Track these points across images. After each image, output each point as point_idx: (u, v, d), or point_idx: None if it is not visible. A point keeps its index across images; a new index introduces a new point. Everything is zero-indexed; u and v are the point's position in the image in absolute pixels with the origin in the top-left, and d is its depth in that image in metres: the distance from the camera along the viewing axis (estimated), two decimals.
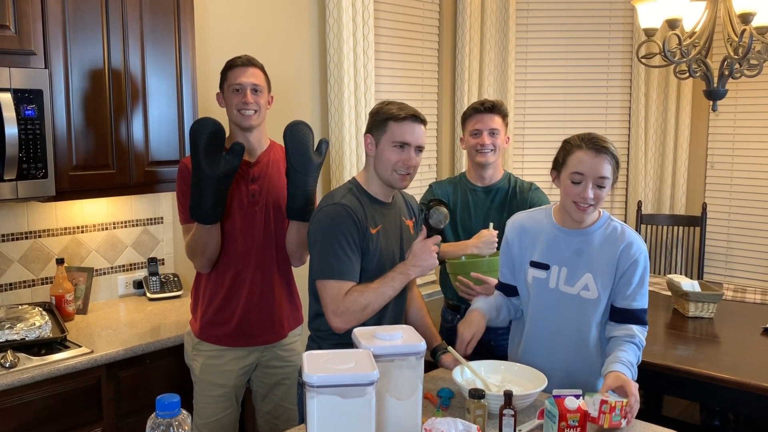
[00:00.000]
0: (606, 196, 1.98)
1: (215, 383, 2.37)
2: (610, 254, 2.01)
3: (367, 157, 2.11)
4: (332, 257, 1.97)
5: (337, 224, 1.98)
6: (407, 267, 2.02)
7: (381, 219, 2.08)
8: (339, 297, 1.96)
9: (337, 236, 1.97)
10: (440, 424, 1.55)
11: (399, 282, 2.01)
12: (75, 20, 2.44)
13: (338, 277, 1.97)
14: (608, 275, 2.01)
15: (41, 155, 2.34)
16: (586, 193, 1.94)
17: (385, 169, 2.05)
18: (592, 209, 1.98)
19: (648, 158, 4.76)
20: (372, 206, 2.07)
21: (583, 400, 1.68)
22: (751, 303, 3.34)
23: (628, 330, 2.00)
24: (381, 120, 2.04)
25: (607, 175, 1.94)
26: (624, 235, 2.02)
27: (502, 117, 2.63)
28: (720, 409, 3.25)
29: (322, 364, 1.49)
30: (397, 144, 2.03)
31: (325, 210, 2.02)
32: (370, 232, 2.03)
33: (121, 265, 3.02)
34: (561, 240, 2.07)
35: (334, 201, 2.02)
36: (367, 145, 2.08)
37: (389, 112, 2.04)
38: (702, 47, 2.90)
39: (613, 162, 1.95)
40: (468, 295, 2.48)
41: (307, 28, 3.55)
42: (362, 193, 2.08)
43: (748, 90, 4.50)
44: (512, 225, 2.20)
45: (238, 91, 2.30)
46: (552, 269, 2.07)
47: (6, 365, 2.15)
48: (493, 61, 4.48)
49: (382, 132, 2.04)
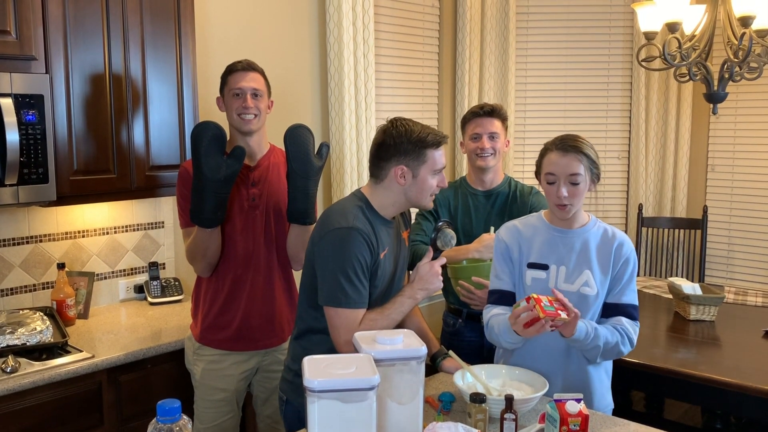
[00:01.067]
0: (584, 193, 2.01)
1: (216, 388, 2.37)
2: (606, 252, 2.05)
3: (387, 183, 1.99)
4: (347, 284, 1.90)
5: (352, 249, 1.90)
6: (414, 291, 2.00)
7: (386, 240, 2.03)
8: (353, 327, 1.90)
9: (352, 262, 1.90)
10: (441, 428, 1.55)
11: (407, 306, 2.00)
12: (76, 25, 2.45)
13: (352, 306, 1.91)
14: (605, 273, 2.05)
15: (42, 160, 2.35)
16: (560, 191, 1.99)
17: (425, 197, 2.00)
18: (572, 207, 2.01)
19: (649, 161, 4.77)
20: (380, 227, 2.00)
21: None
22: (752, 306, 3.33)
23: (617, 320, 2.03)
24: (419, 149, 1.93)
25: (578, 172, 1.98)
26: (615, 235, 2.08)
27: (502, 120, 2.63)
28: (721, 412, 3.25)
29: (322, 369, 1.49)
30: (437, 171, 1.98)
31: (339, 233, 1.92)
32: (380, 257, 1.98)
33: (122, 270, 3.02)
34: (558, 240, 2.09)
35: (348, 224, 1.92)
36: (399, 176, 1.95)
37: (425, 140, 1.94)
38: (702, 50, 2.90)
39: (585, 159, 1.99)
40: (469, 299, 2.48)
41: (308, 33, 3.55)
42: (372, 213, 2.00)
43: (749, 93, 4.50)
44: (507, 231, 2.17)
45: (238, 95, 2.30)
46: (551, 269, 2.09)
47: (7, 370, 2.15)
48: (494, 65, 4.49)
49: (421, 162, 1.94)
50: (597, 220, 2.13)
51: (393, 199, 2.01)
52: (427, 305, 4.05)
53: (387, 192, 2.00)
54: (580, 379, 2.06)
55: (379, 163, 1.99)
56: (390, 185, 1.99)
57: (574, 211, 2.04)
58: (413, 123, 1.98)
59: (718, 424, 3.32)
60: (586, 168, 2.00)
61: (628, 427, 1.83)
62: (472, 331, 2.69)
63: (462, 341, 2.69)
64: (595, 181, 2.05)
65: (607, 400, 2.13)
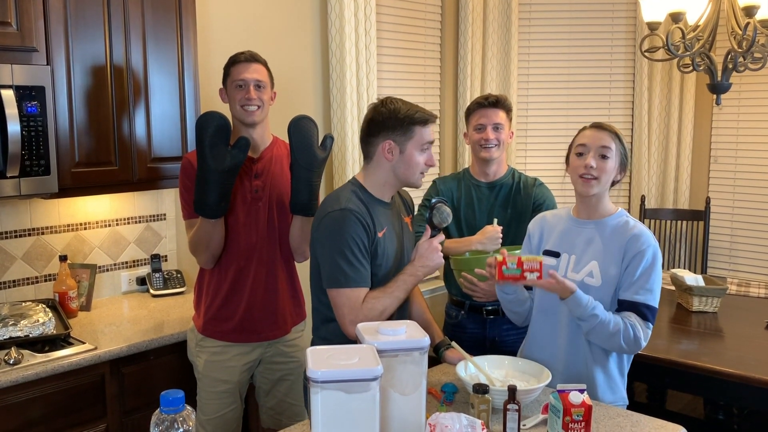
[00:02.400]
0: (611, 173, 2.01)
1: (219, 379, 2.37)
2: (618, 244, 2.02)
3: (376, 160, 2.03)
4: (345, 265, 1.92)
5: (347, 230, 1.93)
6: (416, 268, 2.01)
7: (385, 221, 2.05)
8: (356, 306, 1.93)
9: (348, 242, 1.92)
10: (444, 419, 1.55)
11: (410, 283, 2.01)
12: (77, 17, 2.44)
13: (353, 285, 1.93)
14: (614, 265, 2.01)
15: (44, 152, 2.34)
16: (588, 161, 2.00)
17: (413, 173, 2.02)
18: (596, 183, 2.01)
19: (651, 152, 4.75)
20: (376, 208, 2.03)
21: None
22: (755, 297, 3.33)
23: (626, 315, 1.98)
24: (406, 125, 1.98)
25: (609, 145, 2.00)
26: (634, 228, 2.03)
27: (506, 112, 2.62)
28: (724, 403, 3.25)
29: (325, 360, 1.49)
30: (425, 146, 2.01)
31: (333, 215, 1.96)
32: (378, 236, 2.00)
33: (124, 262, 3.02)
34: (574, 230, 2.11)
35: (341, 206, 1.95)
36: (386, 151, 1.99)
37: (413, 117, 1.98)
38: (705, 40, 2.89)
39: (617, 141, 2.02)
40: (472, 291, 2.47)
41: (310, 24, 3.54)
42: (366, 195, 2.03)
43: (752, 83, 4.48)
44: (534, 219, 2.27)
45: (241, 86, 2.29)
46: (562, 257, 2.10)
47: (10, 362, 2.16)
48: (496, 56, 4.47)
49: (408, 137, 1.98)
50: (625, 213, 2.09)
51: (383, 177, 2.04)
52: (430, 297, 4.05)
53: (377, 170, 2.04)
54: (583, 372, 2.06)
55: (368, 138, 2.03)
56: (379, 162, 2.02)
57: (597, 191, 2.02)
58: (403, 102, 2.02)
59: (721, 415, 3.33)
60: (617, 149, 2.01)
61: (630, 417, 1.83)
62: (474, 323, 2.69)
63: (464, 333, 2.69)
64: (622, 171, 2.05)
65: (612, 396, 2.08)
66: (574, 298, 1.93)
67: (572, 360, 2.06)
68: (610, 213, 2.08)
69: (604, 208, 2.08)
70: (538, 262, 1.91)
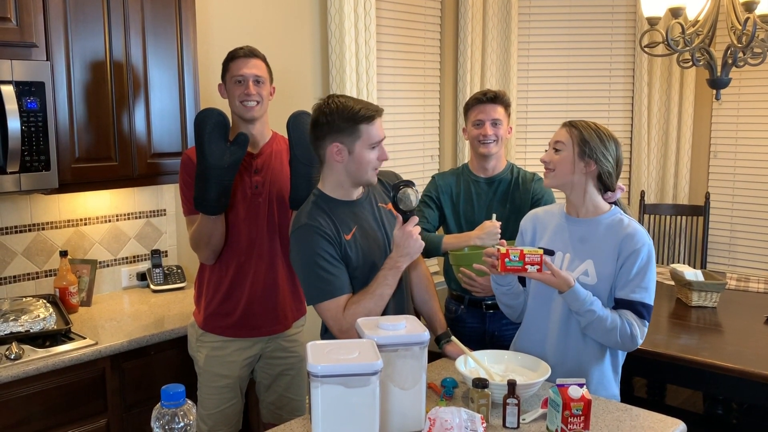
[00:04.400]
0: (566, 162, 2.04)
1: (219, 374, 2.38)
2: (612, 243, 2.02)
3: (328, 164, 1.99)
4: (317, 280, 1.93)
5: (310, 246, 1.93)
6: (395, 260, 1.97)
7: (353, 220, 2.02)
8: (338, 315, 1.93)
9: (314, 258, 1.93)
10: (444, 413, 1.56)
11: (392, 277, 1.97)
12: (76, 12, 2.44)
13: (329, 297, 1.93)
14: (609, 264, 2.01)
15: (44, 148, 2.34)
16: (543, 155, 2.11)
17: (365, 172, 1.98)
18: (551, 173, 2.08)
19: (651, 148, 4.75)
20: (340, 211, 2.00)
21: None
22: (754, 292, 3.33)
23: (622, 312, 1.99)
24: (351, 125, 1.92)
25: (560, 140, 2.06)
26: (628, 227, 2.03)
27: (505, 107, 2.62)
28: (723, 398, 3.26)
29: (325, 354, 1.49)
30: (374, 144, 1.96)
31: (296, 234, 1.97)
32: (345, 239, 1.98)
33: (124, 257, 3.02)
34: (566, 228, 2.10)
35: (300, 222, 1.96)
36: (335, 154, 1.95)
37: (357, 115, 1.92)
38: (705, 36, 2.88)
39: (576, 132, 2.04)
40: (471, 286, 2.48)
41: (309, 19, 3.54)
42: (328, 201, 2.01)
43: (752, 79, 4.48)
44: (527, 216, 2.27)
45: (240, 82, 2.29)
46: (556, 255, 2.10)
47: (11, 357, 2.16)
48: (496, 51, 4.47)
49: (354, 137, 1.93)
50: (619, 211, 2.09)
51: (337, 178, 2.01)
52: None
53: (331, 173, 2.01)
54: (575, 366, 2.06)
55: (316, 142, 2.00)
56: (331, 165, 1.99)
57: (553, 182, 2.08)
58: (346, 98, 1.97)
59: (720, 409, 3.34)
60: (573, 142, 2.02)
61: (630, 412, 1.84)
62: (473, 317, 2.70)
63: (464, 328, 2.70)
64: (587, 162, 2.01)
65: (605, 393, 2.08)
66: (572, 292, 1.94)
67: (565, 356, 2.07)
68: (603, 211, 2.08)
69: (597, 207, 2.07)
70: (539, 255, 1.92)
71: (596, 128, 2.04)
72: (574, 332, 2.06)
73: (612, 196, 2.10)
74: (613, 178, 2.05)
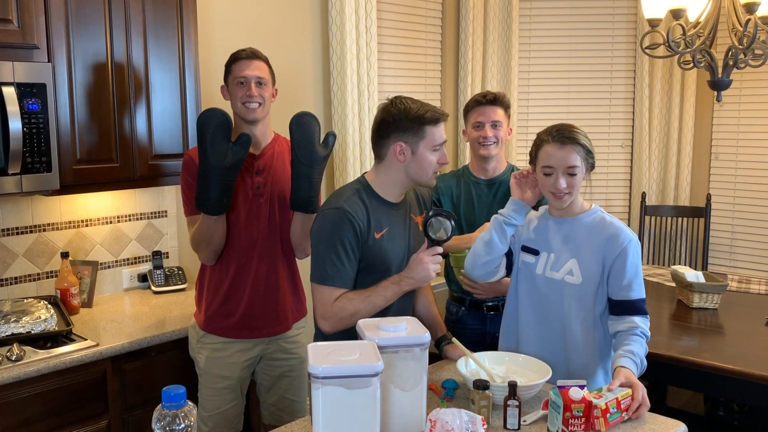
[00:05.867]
0: (581, 182, 2.02)
1: (220, 375, 2.38)
2: (596, 242, 2.03)
3: (387, 161, 2.02)
4: (327, 264, 1.95)
5: (336, 230, 1.95)
6: (400, 278, 1.99)
7: (387, 221, 2.05)
8: (328, 303, 1.96)
9: (334, 242, 1.95)
10: (445, 414, 1.56)
11: (391, 292, 1.98)
12: (77, 14, 2.44)
13: (330, 284, 1.96)
14: (594, 263, 2.02)
15: (45, 149, 2.35)
16: (558, 184, 1.99)
17: (426, 173, 2.01)
18: (569, 197, 2.02)
19: (652, 149, 4.75)
20: (379, 209, 2.03)
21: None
22: (755, 294, 3.33)
23: (630, 323, 2.00)
24: (416, 126, 1.96)
25: (575, 164, 1.98)
26: (611, 226, 2.03)
27: (505, 109, 2.62)
28: (724, 399, 3.25)
29: (326, 356, 1.49)
30: (437, 147, 2.00)
31: (327, 213, 1.99)
32: (374, 236, 2.00)
33: (125, 259, 3.02)
34: (550, 227, 2.11)
35: (338, 204, 1.98)
36: (398, 153, 1.98)
37: (423, 117, 1.96)
38: (706, 37, 2.88)
39: (582, 150, 1.99)
40: (471, 288, 2.48)
41: (310, 20, 3.54)
42: (371, 196, 2.03)
43: (753, 80, 4.48)
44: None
45: (242, 83, 2.29)
46: (541, 255, 2.10)
47: (12, 358, 2.16)
48: (497, 53, 4.47)
49: (419, 138, 1.97)
50: (599, 209, 2.10)
51: (394, 177, 2.03)
52: None
53: (388, 171, 2.04)
54: (572, 368, 2.07)
55: (379, 141, 2.03)
56: (391, 163, 2.02)
57: (571, 201, 2.04)
58: (413, 101, 2.01)
59: (721, 411, 3.33)
60: (582, 158, 1.99)
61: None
62: (474, 319, 2.70)
63: (465, 329, 2.69)
64: (589, 170, 2.04)
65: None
66: (636, 372, 1.91)
67: (561, 359, 2.07)
68: (584, 210, 2.09)
69: (578, 207, 2.09)
70: (629, 396, 1.78)
71: (584, 134, 2.03)
72: (572, 340, 2.06)
73: None
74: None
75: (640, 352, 1.96)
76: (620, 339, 2.00)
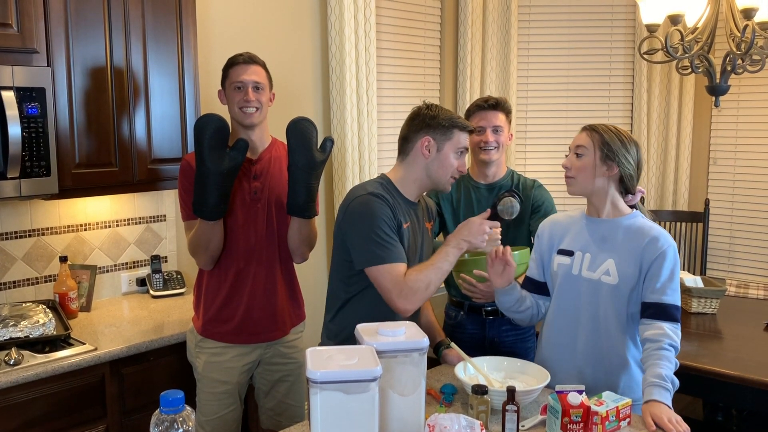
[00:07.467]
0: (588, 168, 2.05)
1: (218, 380, 2.37)
2: (635, 245, 2.02)
3: (412, 156, 2.11)
4: (376, 245, 1.97)
5: (375, 212, 1.99)
6: (459, 240, 2.05)
7: (410, 216, 2.11)
8: (399, 279, 1.96)
9: (378, 223, 1.98)
10: (443, 419, 1.56)
11: (453, 255, 2.04)
12: (77, 18, 2.44)
13: (390, 261, 1.97)
14: (631, 265, 2.01)
15: (44, 153, 2.35)
16: (564, 161, 2.12)
17: (444, 174, 2.10)
18: (573, 180, 2.09)
19: (650, 154, 4.76)
20: (401, 204, 2.10)
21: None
22: (754, 299, 3.33)
23: (659, 329, 1.94)
24: (446, 126, 2.07)
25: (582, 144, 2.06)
26: (651, 230, 2.03)
27: (506, 114, 2.63)
28: (723, 404, 3.25)
29: (325, 360, 1.49)
30: (461, 150, 2.09)
31: (360, 200, 2.03)
32: (403, 225, 2.06)
33: (124, 263, 3.02)
34: (587, 228, 2.12)
35: (367, 191, 2.04)
36: (424, 147, 2.08)
37: (455, 121, 2.08)
38: (704, 43, 2.89)
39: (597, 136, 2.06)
40: (471, 292, 2.47)
41: (309, 25, 3.55)
42: (393, 191, 2.10)
43: (751, 86, 4.48)
44: (545, 221, 2.30)
45: (239, 88, 2.30)
46: (576, 255, 2.11)
47: (10, 362, 2.16)
48: (495, 58, 4.48)
49: (447, 138, 2.08)
50: (639, 214, 2.11)
51: (415, 174, 2.11)
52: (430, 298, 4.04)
53: (411, 167, 2.11)
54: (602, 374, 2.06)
55: (408, 134, 2.11)
56: (415, 158, 2.10)
57: (576, 190, 2.09)
58: (446, 109, 2.12)
59: (720, 416, 3.33)
60: (595, 146, 2.04)
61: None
62: (473, 323, 2.70)
63: (464, 334, 2.69)
64: (609, 166, 2.04)
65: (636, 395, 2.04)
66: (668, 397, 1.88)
67: (592, 362, 2.06)
68: (624, 213, 2.10)
69: (618, 209, 2.10)
70: (628, 406, 1.79)
71: (617, 131, 2.06)
72: (607, 342, 2.05)
73: (632, 199, 2.12)
74: (634, 180, 2.08)
75: (670, 373, 1.89)
76: (648, 355, 1.94)
